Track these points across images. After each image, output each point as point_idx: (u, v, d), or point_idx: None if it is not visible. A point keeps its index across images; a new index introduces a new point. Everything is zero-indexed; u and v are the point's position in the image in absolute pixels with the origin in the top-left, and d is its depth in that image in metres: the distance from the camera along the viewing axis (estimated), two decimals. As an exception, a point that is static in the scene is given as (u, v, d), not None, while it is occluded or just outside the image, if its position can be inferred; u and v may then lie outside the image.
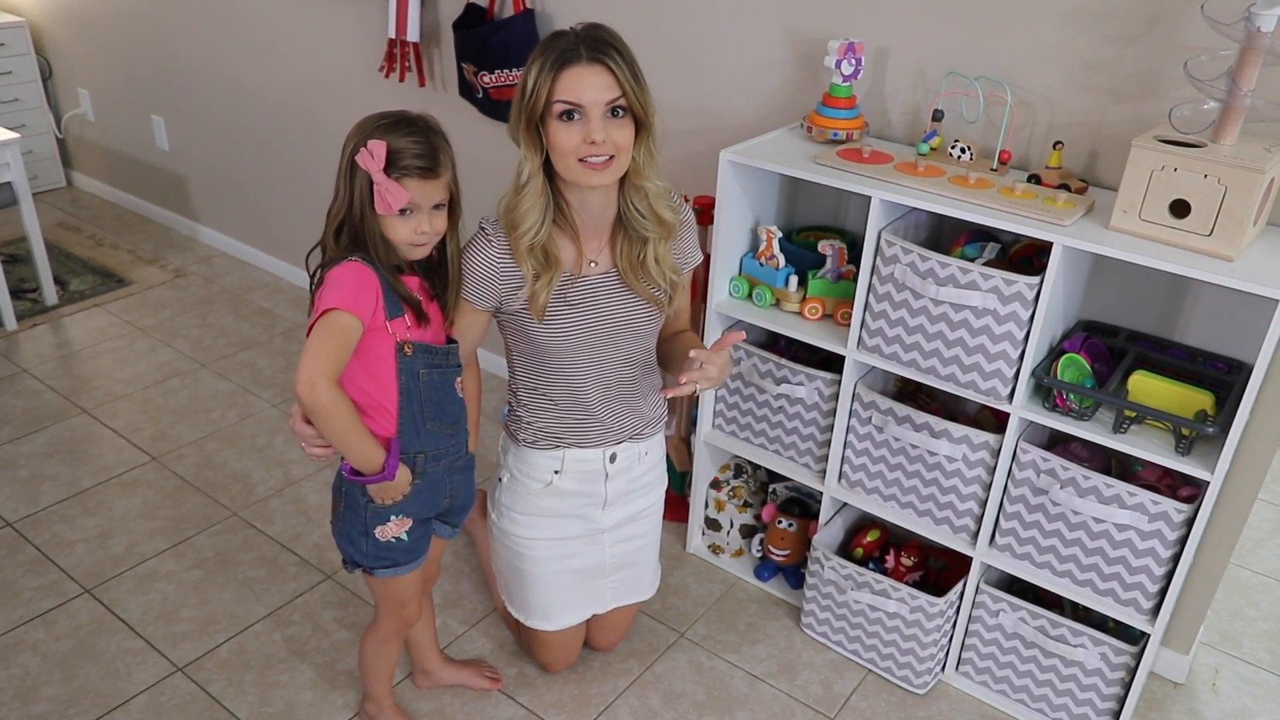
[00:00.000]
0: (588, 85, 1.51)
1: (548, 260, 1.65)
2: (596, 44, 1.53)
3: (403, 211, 1.45)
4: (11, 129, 4.27)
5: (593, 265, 1.71)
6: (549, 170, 1.61)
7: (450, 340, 1.61)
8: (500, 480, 1.88)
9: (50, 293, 3.52)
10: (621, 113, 1.54)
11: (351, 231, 1.47)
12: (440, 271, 1.60)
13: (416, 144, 1.44)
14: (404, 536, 1.61)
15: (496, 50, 2.56)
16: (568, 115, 1.53)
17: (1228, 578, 2.46)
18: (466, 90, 2.75)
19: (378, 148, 1.40)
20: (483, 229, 1.66)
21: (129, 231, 4.17)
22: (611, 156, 1.55)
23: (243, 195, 3.81)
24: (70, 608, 2.21)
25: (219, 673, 2.06)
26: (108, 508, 2.53)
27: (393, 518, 1.59)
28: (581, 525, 1.88)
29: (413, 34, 2.78)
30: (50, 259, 3.81)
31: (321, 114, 3.29)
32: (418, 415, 1.54)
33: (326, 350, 1.41)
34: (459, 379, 1.61)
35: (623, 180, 1.64)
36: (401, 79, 2.88)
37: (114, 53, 4.02)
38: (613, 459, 1.83)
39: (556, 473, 1.82)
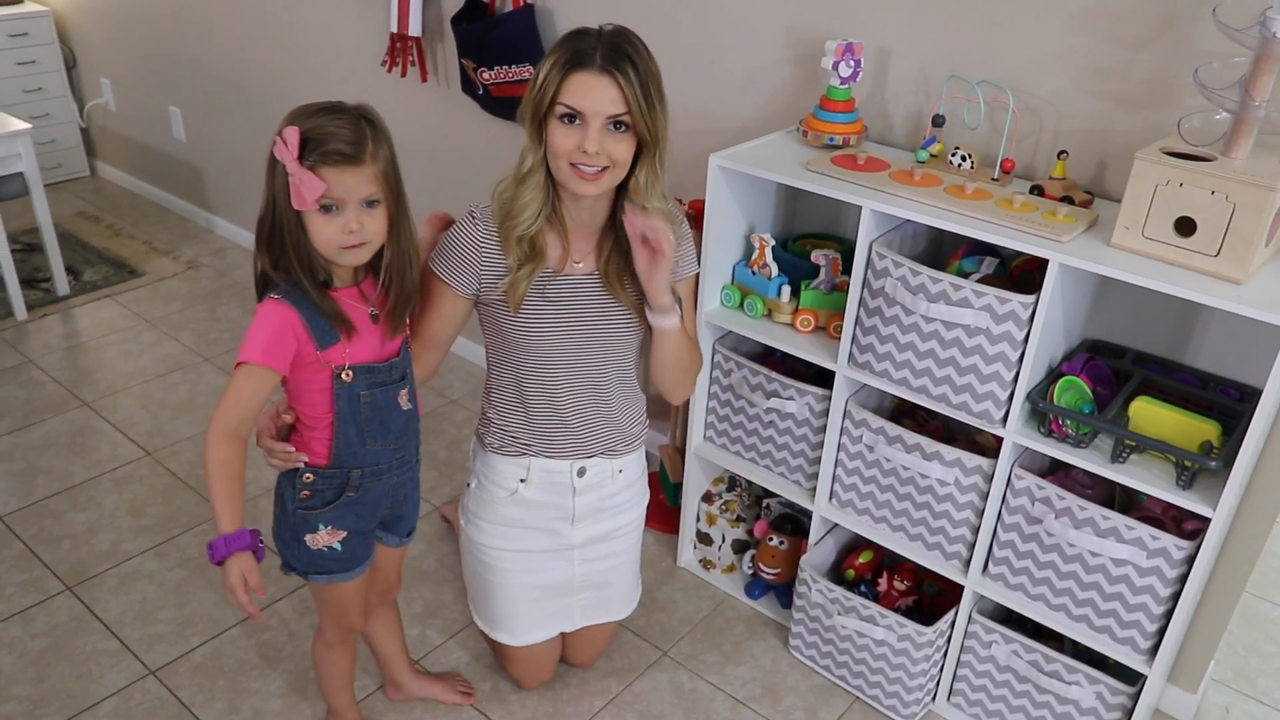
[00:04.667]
0: (593, 94, 1.46)
1: (533, 251, 1.61)
2: (613, 53, 1.47)
3: (326, 209, 1.33)
4: (36, 117, 4.33)
5: (577, 265, 1.66)
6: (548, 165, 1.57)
7: (402, 350, 1.53)
8: (469, 486, 1.84)
9: (62, 283, 3.54)
10: (623, 127, 1.49)
11: (276, 238, 1.36)
12: (389, 282, 1.48)
13: (341, 129, 1.30)
14: (337, 546, 1.55)
15: (495, 46, 2.51)
16: (568, 119, 1.49)
17: (1245, 610, 2.34)
18: (469, 86, 2.69)
19: (291, 134, 1.29)
20: (471, 213, 1.64)
21: (147, 222, 4.19)
22: (605, 168, 1.51)
23: (255, 186, 3.77)
24: (50, 605, 2.20)
25: (191, 677, 2.04)
26: (98, 503, 2.52)
27: (322, 527, 1.53)
28: (549, 539, 1.82)
29: (414, 28, 2.73)
30: (67, 248, 3.84)
31: (329, 108, 3.25)
32: (354, 438, 1.48)
33: (231, 406, 1.37)
34: (404, 390, 1.54)
35: (621, 193, 1.60)
36: (404, 74, 2.84)
37: (134, 42, 4.03)
38: (580, 473, 1.77)
39: (522, 481, 1.76)
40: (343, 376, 1.43)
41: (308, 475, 1.49)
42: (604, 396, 1.73)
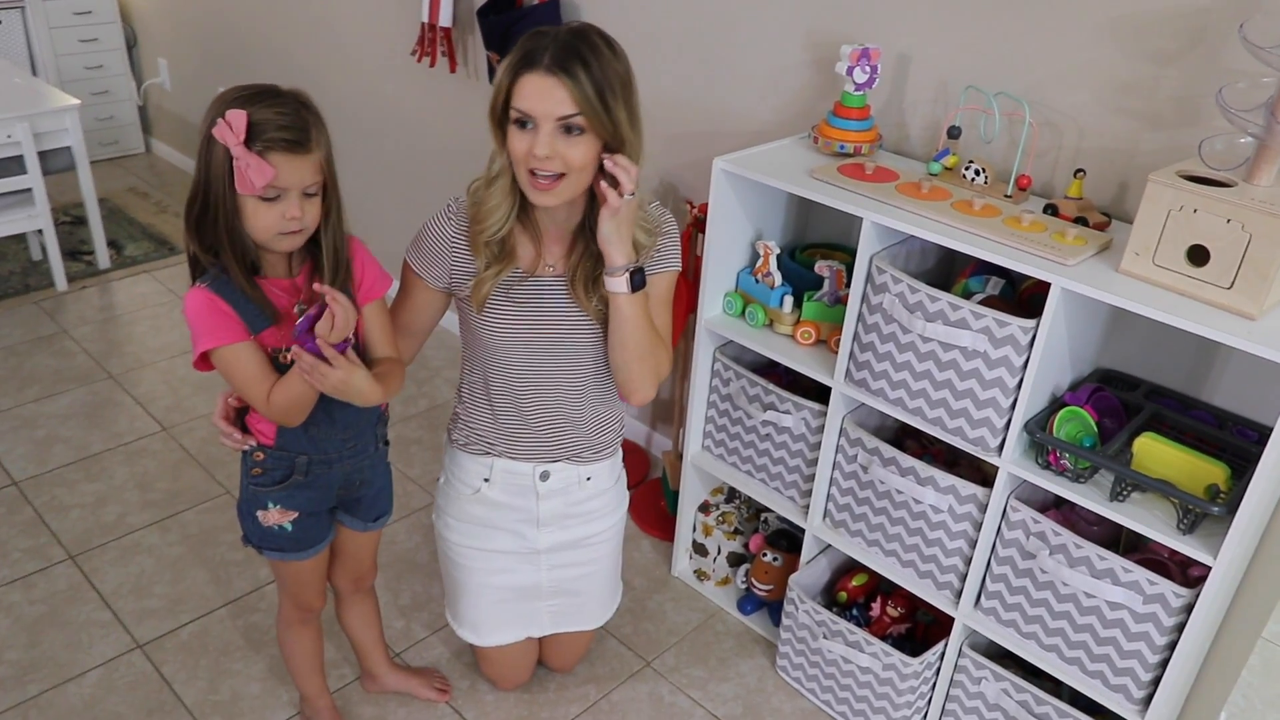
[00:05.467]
0: (540, 96, 1.40)
1: (502, 252, 1.58)
2: (565, 52, 1.40)
3: (268, 196, 1.30)
4: (96, 94, 4.44)
5: (549, 268, 1.62)
6: None
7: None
8: (439, 481, 1.83)
9: (103, 256, 3.62)
10: (577, 130, 1.43)
11: (207, 220, 1.33)
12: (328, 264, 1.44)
13: (283, 115, 1.28)
14: (287, 526, 1.55)
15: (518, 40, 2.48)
16: (521, 123, 1.44)
17: (1268, 660, 2.21)
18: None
19: (237, 118, 1.25)
20: (449, 206, 1.62)
21: (194, 200, 4.26)
22: (561, 175, 1.45)
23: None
24: (51, 573, 2.24)
25: (176, 654, 2.05)
26: (109, 475, 2.56)
27: (272, 505, 1.52)
28: (515, 541, 1.79)
29: (445, 19, 2.73)
30: (113, 223, 3.94)
31: (364, 95, 3.27)
32: (297, 427, 1.46)
33: (249, 388, 1.39)
34: None
35: (595, 197, 1.54)
36: (433, 64, 2.83)
37: (190, 24, 4.11)
38: (544, 477, 1.73)
39: (486, 480, 1.74)
40: (282, 359, 1.41)
41: (258, 453, 1.50)
42: (570, 402, 1.69)
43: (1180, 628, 1.55)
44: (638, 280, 1.53)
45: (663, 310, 1.66)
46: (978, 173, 1.75)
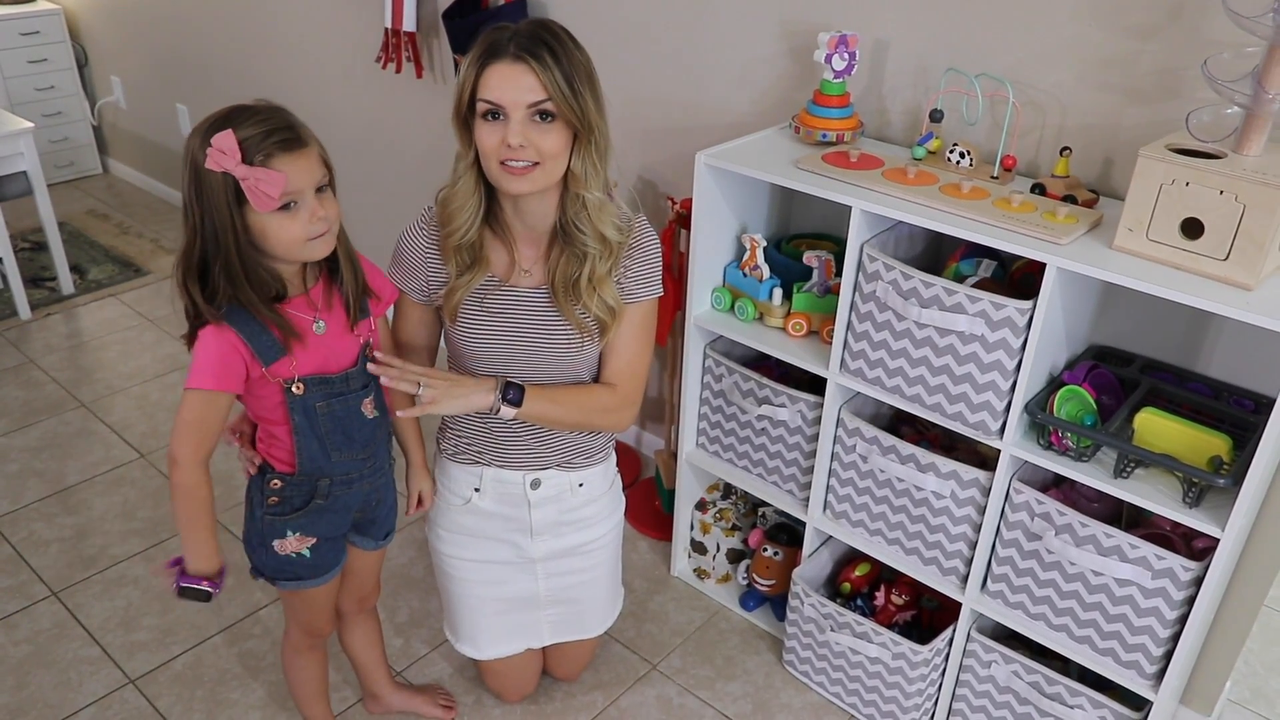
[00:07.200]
0: (508, 84, 1.38)
1: (474, 261, 1.55)
2: (528, 40, 1.39)
3: (285, 206, 1.25)
4: (48, 115, 4.34)
5: (525, 275, 1.58)
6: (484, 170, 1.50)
7: (361, 359, 1.45)
8: None
9: (67, 282, 3.53)
10: (549, 117, 1.41)
11: (215, 266, 1.27)
12: (338, 275, 1.42)
13: (266, 122, 1.23)
14: (305, 553, 1.51)
15: (486, 41, 2.44)
16: (491, 115, 1.41)
17: (1266, 625, 2.24)
18: (463, 82, 2.63)
19: (224, 139, 1.20)
20: (421, 216, 1.59)
21: (156, 219, 4.18)
22: (536, 163, 1.42)
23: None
24: (34, 611, 2.18)
25: (170, 687, 2.00)
26: (88, 506, 2.49)
27: (290, 533, 1.48)
28: (509, 551, 1.75)
29: (408, 23, 2.68)
30: (74, 247, 3.85)
31: (328, 105, 3.21)
32: (317, 451, 1.43)
33: (187, 431, 1.33)
34: (368, 399, 1.47)
35: (565, 188, 1.51)
36: (399, 70, 2.78)
37: (142, 40, 4.02)
38: (535, 485, 1.70)
39: (476, 490, 1.70)
40: (293, 390, 1.37)
41: (275, 481, 1.45)
42: None
43: (1189, 600, 1.55)
44: (511, 395, 1.53)
45: (642, 336, 1.62)
46: (963, 155, 1.74)
